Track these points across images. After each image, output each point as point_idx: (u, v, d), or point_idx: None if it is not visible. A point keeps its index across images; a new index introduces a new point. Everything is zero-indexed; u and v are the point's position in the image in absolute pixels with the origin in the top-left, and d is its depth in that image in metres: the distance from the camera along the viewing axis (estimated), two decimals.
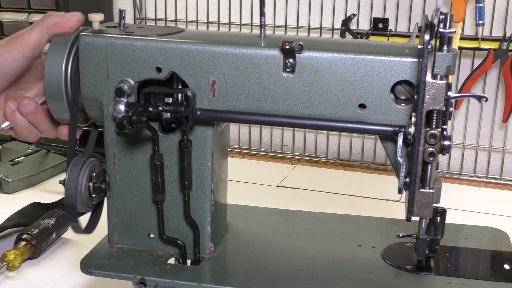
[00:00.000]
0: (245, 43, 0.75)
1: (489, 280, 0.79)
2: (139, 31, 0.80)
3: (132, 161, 0.81)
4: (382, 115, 0.74)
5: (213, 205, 0.82)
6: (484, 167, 1.33)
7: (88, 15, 0.79)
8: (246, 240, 0.88)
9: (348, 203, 1.16)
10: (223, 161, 0.86)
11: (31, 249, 0.92)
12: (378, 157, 1.39)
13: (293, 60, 0.73)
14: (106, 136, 0.81)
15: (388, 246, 0.86)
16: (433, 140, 0.70)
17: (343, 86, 0.74)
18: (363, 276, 0.79)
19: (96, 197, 0.80)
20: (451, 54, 0.70)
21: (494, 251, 0.86)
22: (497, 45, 1.23)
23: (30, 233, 0.92)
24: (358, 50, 0.74)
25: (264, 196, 1.20)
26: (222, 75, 0.76)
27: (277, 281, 0.78)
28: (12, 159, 1.26)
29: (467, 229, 0.93)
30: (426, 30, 0.67)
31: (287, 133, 1.45)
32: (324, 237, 0.90)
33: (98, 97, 0.79)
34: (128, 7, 1.50)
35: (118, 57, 0.77)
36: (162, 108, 0.73)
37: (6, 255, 0.89)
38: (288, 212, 1.00)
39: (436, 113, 0.70)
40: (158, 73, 0.77)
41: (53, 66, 0.79)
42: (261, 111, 0.76)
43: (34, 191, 1.19)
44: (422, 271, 0.80)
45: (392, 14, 1.32)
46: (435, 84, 0.69)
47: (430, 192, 0.73)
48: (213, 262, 0.82)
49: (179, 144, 0.77)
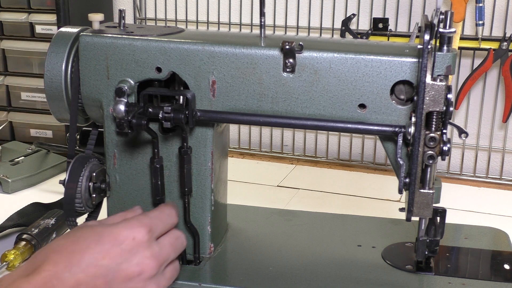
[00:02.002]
0: (245, 43, 0.75)
1: (489, 280, 0.79)
2: (139, 31, 0.80)
3: (132, 162, 0.81)
4: (382, 115, 0.74)
5: (213, 205, 0.82)
6: (484, 167, 1.33)
7: (88, 15, 0.79)
8: (246, 240, 0.88)
9: (348, 203, 1.16)
10: (223, 161, 0.86)
11: (31, 249, 0.92)
12: (378, 157, 1.39)
13: (293, 60, 0.73)
14: (106, 136, 0.81)
15: (388, 246, 0.86)
16: (433, 143, 0.70)
17: (343, 86, 0.74)
18: (363, 276, 0.79)
19: (96, 197, 0.80)
20: (451, 54, 0.69)
21: (494, 251, 0.86)
22: (497, 45, 1.23)
23: (30, 233, 0.92)
24: (358, 50, 0.74)
25: (264, 196, 1.20)
26: (222, 75, 0.76)
27: (277, 281, 0.78)
28: (12, 159, 1.26)
29: (467, 229, 0.93)
30: (426, 30, 0.67)
31: (287, 133, 1.45)
32: (324, 237, 0.90)
33: (98, 97, 0.79)
34: (128, 7, 1.50)
35: (118, 57, 0.77)
36: (162, 116, 0.73)
37: (6, 255, 0.89)
38: (288, 212, 1.00)
39: (435, 114, 0.70)
40: (158, 73, 0.77)
41: (53, 66, 0.79)
42: (261, 111, 0.76)
43: (34, 191, 1.19)
44: (422, 271, 0.80)
45: (392, 14, 1.32)
46: (435, 85, 0.69)
47: (430, 193, 0.73)
48: (213, 262, 0.82)
49: (179, 151, 0.77)
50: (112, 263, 0.63)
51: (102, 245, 0.64)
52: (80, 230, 0.66)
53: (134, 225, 0.66)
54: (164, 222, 0.70)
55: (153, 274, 0.66)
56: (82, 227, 0.67)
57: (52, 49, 0.80)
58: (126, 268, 0.64)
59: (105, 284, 0.63)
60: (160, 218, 0.70)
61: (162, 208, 0.72)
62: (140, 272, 0.65)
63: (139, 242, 0.65)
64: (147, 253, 0.65)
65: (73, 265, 0.62)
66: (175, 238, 0.71)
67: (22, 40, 1.37)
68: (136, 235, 0.65)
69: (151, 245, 0.66)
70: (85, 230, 0.66)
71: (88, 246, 0.64)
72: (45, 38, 1.34)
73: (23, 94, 1.40)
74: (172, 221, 0.71)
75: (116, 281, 0.64)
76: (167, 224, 0.70)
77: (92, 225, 0.68)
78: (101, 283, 0.63)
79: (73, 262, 0.62)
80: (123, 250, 0.64)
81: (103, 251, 0.63)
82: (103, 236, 0.65)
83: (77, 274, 0.62)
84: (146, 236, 0.66)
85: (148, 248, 0.66)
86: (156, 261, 0.66)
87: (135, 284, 0.65)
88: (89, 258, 0.63)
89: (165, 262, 0.68)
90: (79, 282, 0.62)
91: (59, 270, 0.61)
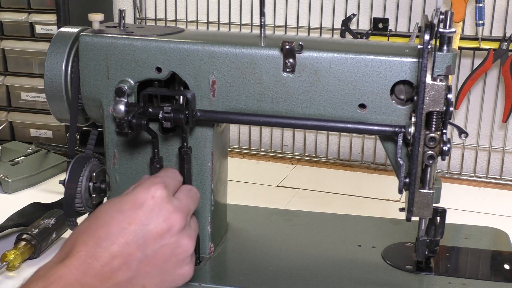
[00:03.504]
0: (245, 43, 0.75)
1: (489, 280, 0.79)
2: (139, 31, 0.80)
3: (132, 162, 0.81)
4: (382, 115, 0.74)
5: (213, 205, 0.82)
6: (484, 167, 1.33)
7: (88, 15, 0.79)
8: (246, 240, 0.88)
9: (348, 203, 1.16)
10: (223, 161, 0.86)
11: (31, 249, 0.92)
12: (378, 157, 1.39)
13: (293, 60, 0.73)
14: (106, 136, 0.81)
15: (388, 246, 0.86)
16: (433, 143, 0.70)
17: (343, 86, 0.74)
18: (363, 276, 0.79)
19: (96, 197, 0.80)
20: (451, 54, 0.69)
21: (494, 251, 0.86)
22: (497, 45, 1.23)
23: (30, 233, 0.92)
24: (358, 50, 0.74)
25: (264, 196, 1.20)
26: (222, 75, 0.76)
27: (277, 281, 0.78)
28: (12, 159, 1.26)
29: (467, 229, 0.93)
30: (426, 30, 0.67)
31: (287, 133, 1.45)
32: (324, 237, 0.90)
33: (98, 97, 0.79)
34: (128, 7, 1.50)
35: (118, 57, 0.77)
36: (162, 116, 0.73)
37: (6, 255, 0.89)
38: (288, 212, 1.00)
39: (435, 114, 0.70)
40: (158, 73, 0.77)
41: (53, 66, 0.79)
42: (261, 111, 0.76)
43: (34, 191, 1.19)
44: (422, 271, 0.80)
45: (392, 14, 1.32)
46: (435, 85, 0.69)
47: (430, 193, 0.73)
48: (213, 262, 0.82)
49: (179, 151, 0.77)
50: (139, 226, 0.63)
51: (124, 212, 0.63)
52: (99, 208, 0.66)
53: (149, 186, 0.65)
54: (174, 179, 0.69)
55: (183, 226, 0.65)
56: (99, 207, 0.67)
57: (52, 49, 0.80)
58: (155, 227, 0.63)
59: (138, 248, 0.63)
60: (169, 176, 0.69)
61: (165, 170, 0.72)
62: (169, 227, 0.64)
63: (159, 199, 0.64)
64: (170, 207, 0.65)
65: (102, 240, 0.62)
66: (189, 190, 0.70)
67: (22, 40, 1.37)
68: (154, 193, 0.64)
69: (171, 200, 0.65)
70: (104, 206, 0.66)
71: (112, 217, 0.63)
72: (45, 38, 1.34)
73: (23, 94, 1.40)
74: (180, 178, 0.71)
75: (149, 242, 0.63)
76: (177, 181, 0.70)
77: (108, 201, 0.67)
78: (134, 249, 0.62)
79: (102, 237, 0.62)
80: (146, 211, 0.64)
81: (126, 218, 0.63)
82: (122, 204, 0.64)
83: (109, 247, 0.62)
84: (164, 192, 0.65)
85: (169, 203, 0.65)
86: (181, 213, 0.65)
87: (168, 240, 0.64)
88: (115, 229, 0.62)
89: (189, 213, 0.68)
90: (113, 254, 0.61)
91: (91, 248, 0.61)
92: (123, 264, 0.62)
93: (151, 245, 0.63)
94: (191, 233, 0.67)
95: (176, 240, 0.65)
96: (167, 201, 0.65)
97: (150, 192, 0.64)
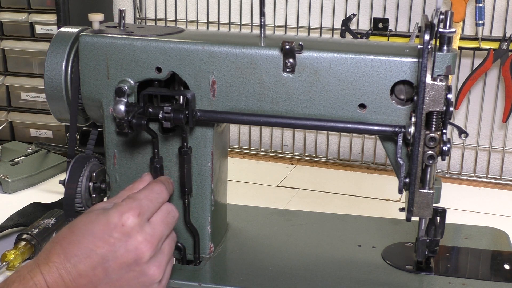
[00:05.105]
0: (245, 43, 0.75)
1: (489, 280, 0.79)
2: (139, 31, 0.80)
3: (132, 162, 0.81)
4: (382, 115, 0.74)
5: (213, 205, 0.82)
6: (484, 167, 1.33)
7: (88, 15, 0.79)
8: (246, 240, 0.88)
9: (348, 203, 1.16)
10: (223, 161, 0.86)
11: (31, 249, 0.92)
12: (378, 157, 1.39)
13: (293, 60, 0.73)
14: (106, 136, 0.81)
15: (388, 246, 0.86)
16: (433, 143, 0.70)
17: (343, 86, 0.74)
18: (363, 276, 0.79)
19: (96, 197, 0.80)
20: (451, 54, 0.69)
21: (494, 251, 0.86)
22: (497, 45, 1.23)
23: (30, 233, 0.92)
24: (358, 50, 0.74)
25: (264, 196, 1.20)
26: (222, 75, 0.76)
27: (277, 281, 0.78)
28: (12, 159, 1.26)
29: (467, 229, 0.93)
30: (426, 30, 0.67)
31: (287, 133, 1.45)
32: (324, 237, 0.90)
33: (98, 97, 0.79)
34: (128, 7, 1.50)
35: (118, 57, 0.77)
36: (162, 116, 0.73)
37: (6, 255, 0.89)
38: (288, 212, 1.00)
39: (435, 114, 0.70)
40: (158, 73, 0.77)
41: (53, 66, 0.79)
42: (261, 111, 0.76)
43: (34, 191, 1.19)
44: (422, 271, 0.80)
45: (392, 14, 1.32)
46: (435, 85, 0.69)
47: (430, 193, 0.73)
48: (213, 262, 0.82)
49: (179, 151, 0.77)
50: (107, 251, 0.63)
51: (94, 235, 0.64)
52: (77, 220, 0.67)
53: (123, 211, 0.65)
54: (154, 201, 0.69)
55: (151, 256, 0.65)
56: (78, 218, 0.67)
57: (52, 49, 0.80)
58: (121, 256, 0.64)
59: (104, 271, 0.63)
60: (150, 198, 0.68)
61: (151, 186, 0.71)
62: (136, 258, 0.64)
63: (129, 228, 0.64)
64: (139, 237, 0.65)
65: (71, 256, 0.63)
66: (167, 213, 0.69)
67: (22, 40, 1.37)
68: (125, 221, 0.64)
69: (142, 229, 0.65)
70: (80, 221, 0.66)
71: (83, 236, 0.64)
72: (45, 38, 1.34)
73: (23, 94, 1.40)
74: (163, 198, 0.70)
75: (114, 267, 0.64)
76: (157, 203, 0.69)
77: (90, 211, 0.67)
78: (99, 271, 0.63)
79: (71, 253, 0.63)
80: (115, 238, 0.64)
81: (96, 241, 0.63)
82: (95, 225, 0.64)
83: (77, 264, 0.62)
84: (135, 220, 0.65)
85: (139, 233, 0.65)
86: (149, 243, 0.65)
87: (133, 269, 0.65)
88: (84, 249, 0.63)
89: (160, 240, 0.67)
90: (80, 273, 0.62)
91: (62, 261, 0.62)
92: (88, 283, 0.63)
93: (116, 271, 0.64)
94: (161, 260, 0.67)
95: (142, 269, 0.65)
96: (138, 230, 0.65)
97: (122, 219, 0.64)
